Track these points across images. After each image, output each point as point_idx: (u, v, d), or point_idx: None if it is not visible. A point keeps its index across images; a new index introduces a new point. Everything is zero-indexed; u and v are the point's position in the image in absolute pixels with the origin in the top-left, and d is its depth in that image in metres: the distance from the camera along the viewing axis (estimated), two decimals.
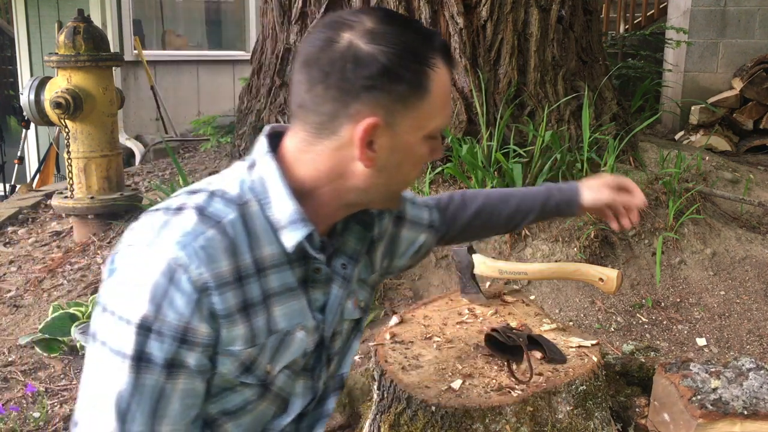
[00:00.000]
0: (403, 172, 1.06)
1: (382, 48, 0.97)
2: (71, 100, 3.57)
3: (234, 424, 1.09)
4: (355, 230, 1.17)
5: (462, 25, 3.48)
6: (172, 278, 0.94)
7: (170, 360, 0.96)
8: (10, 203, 4.69)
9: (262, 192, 1.03)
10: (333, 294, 1.12)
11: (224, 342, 1.00)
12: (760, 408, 1.91)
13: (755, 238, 3.39)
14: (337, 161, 1.03)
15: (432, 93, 1.01)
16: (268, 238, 1.02)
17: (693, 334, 2.84)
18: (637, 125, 3.82)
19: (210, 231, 0.97)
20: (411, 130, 1.02)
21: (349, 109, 0.99)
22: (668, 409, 1.98)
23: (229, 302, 0.98)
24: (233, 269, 0.99)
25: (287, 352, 1.08)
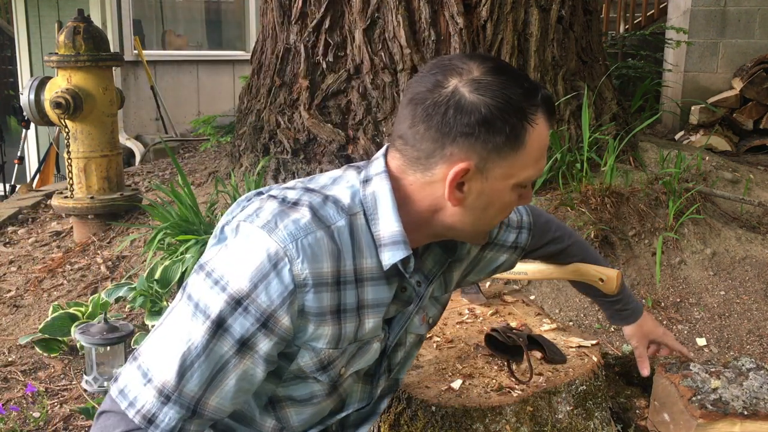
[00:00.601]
0: (489, 214, 1.11)
1: (485, 99, 1.01)
2: (71, 100, 3.57)
3: (296, 411, 1.15)
4: (435, 252, 1.22)
5: (462, 25, 3.48)
6: (276, 265, 0.99)
7: (245, 339, 1.00)
8: (10, 203, 4.69)
9: (372, 208, 1.08)
10: (405, 310, 1.18)
11: (309, 337, 1.05)
12: (760, 408, 1.91)
13: (755, 238, 3.39)
14: (427, 194, 1.08)
15: (527, 146, 1.05)
16: (369, 251, 1.08)
17: (693, 334, 2.84)
18: (637, 125, 3.82)
19: (320, 232, 1.03)
20: (501, 177, 1.06)
21: (444, 151, 1.04)
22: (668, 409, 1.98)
23: (324, 302, 1.03)
24: (334, 272, 1.04)
25: (362, 360, 1.14)
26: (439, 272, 1.23)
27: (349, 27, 3.64)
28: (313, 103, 3.66)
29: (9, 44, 8.64)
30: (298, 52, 3.74)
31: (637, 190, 3.45)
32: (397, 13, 3.50)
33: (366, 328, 1.10)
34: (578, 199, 3.26)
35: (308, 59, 3.71)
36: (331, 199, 1.07)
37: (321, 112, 3.65)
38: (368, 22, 3.56)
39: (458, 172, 1.03)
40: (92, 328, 2.40)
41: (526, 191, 1.12)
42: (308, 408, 1.15)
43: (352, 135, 3.58)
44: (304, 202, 1.05)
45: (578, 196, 3.28)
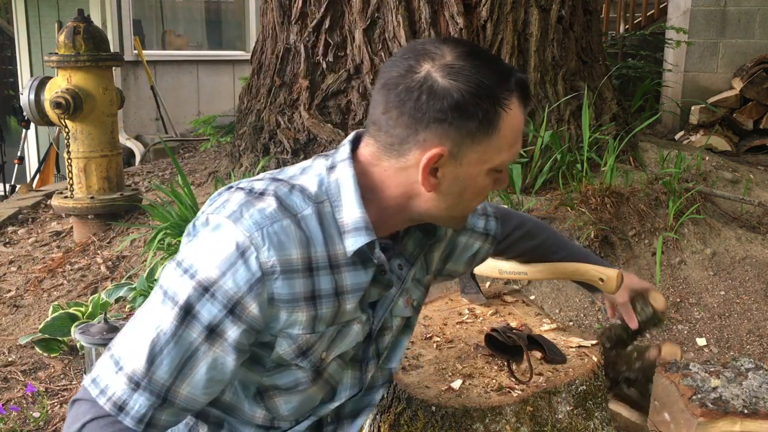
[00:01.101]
0: (464, 200, 1.11)
1: (457, 84, 1.01)
2: (71, 100, 3.57)
3: (284, 400, 1.15)
4: (415, 235, 1.23)
5: (462, 25, 3.48)
6: (243, 253, 1.00)
7: (213, 325, 1.01)
8: (10, 203, 4.69)
9: (335, 195, 1.09)
10: (388, 292, 1.18)
11: (284, 325, 1.05)
12: (760, 407, 1.91)
13: (755, 238, 3.39)
14: (401, 180, 1.08)
15: (501, 131, 1.04)
16: (338, 238, 1.08)
17: (693, 334, 2.84)
18: (637, 125, 3.82)
19: (286, 220, 1.03)
20: (476, 163, 1.06)
21: (418, 136, 1.04)
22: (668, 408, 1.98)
23: (296, 288, 1.04)
24: (304, 259, 1.04)
25: (342, 343, 1.14)
26: (420, 254, 1.24)
27: (349, 27, 3.64)
28: (313, 103, 3.66)
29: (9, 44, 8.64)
30: (298, 52, 3.74)
31: (637, 190, 3.45)
32: (397, 13, 3.50)
33: (344, 312, 1.11)
34: (578, 199, 3.26)
35: (308, 59, 3.71)
36: (298, 188, 1.08)
37: (321, 112, 3.65)
38: (368, 22, 3.56)
39: (431, 157, 1.03)
40: (92, 328, 2.40)
41: (501, 176, 1.12)
42: (295, 396, 1.15)
43: None
44: (270, 191, 1.06)
45: (578, 196, 3.28)
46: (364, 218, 1.07)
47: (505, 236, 1.51)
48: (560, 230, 3.18)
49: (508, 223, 1.51)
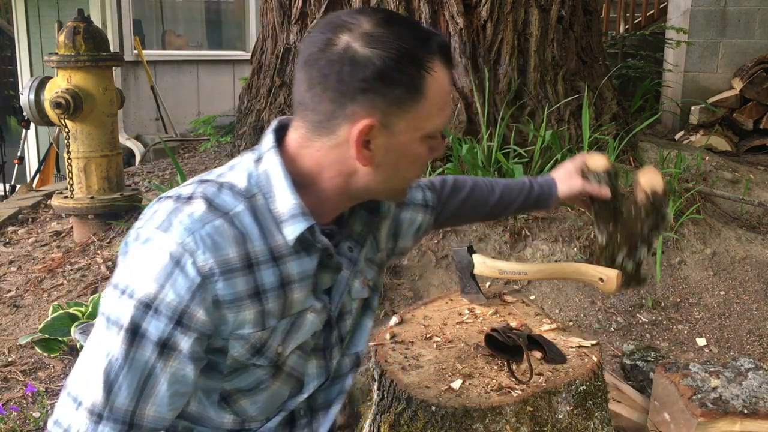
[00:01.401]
0: (402, 170, 1.09)
1: (378, 51, 0.99)
2: (71, 100, 3.57)
3: (249, 401, 1.13)
4: (360, 215, 1.21)
5: (462, 25, 3.48)
6: (178, 262, 0.98)
7: (164, 340, 0.98)
8: (10, 203, 4.69)
9: (266, 186, 1.06)
10: (341, 276, 1.16)
11: (234, 326, 1.03)
12: (760, 407, 1.91)
13: (755, 238, 3.39)
14: (335, 158, 1.06)
15: (428, 95, 1.02)
16: (276, 229, 1.06)
17: (693, 334, 2.84)
18: (637, 125, 3.82)
19: (218, 220, 1.01)
20: (407, 130, 1.04)
21: (345, 110, 1.01)
22: (668, 408, 1.98)
23: (238, 288, 1.01)
24: (242, 256, 1.02)
25: (298, 334, 1.11)
26: (368, 233, 1.22)
27: None
28: None
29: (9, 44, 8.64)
30: (298, 52, 3.74)
31: None
32: None
33: (293, 303, 1.08)
34: None
35: None
36: (227, 186, 1.05)
37: None
38: None
39: (362, 129, 1.01)
40: (92, 328, 2.39)
41: (436, 142, 1.10)
42: (260, 395, 1.13)
43: None
44: (198, 194, 1.03)
45: None
46: (298, 204, 1.04)
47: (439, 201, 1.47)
48: (560, 230, 3.18)
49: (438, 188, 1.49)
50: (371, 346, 1.69)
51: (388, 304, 2.92)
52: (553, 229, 3.18)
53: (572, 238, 3.15)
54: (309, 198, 1.07)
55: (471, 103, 3.54)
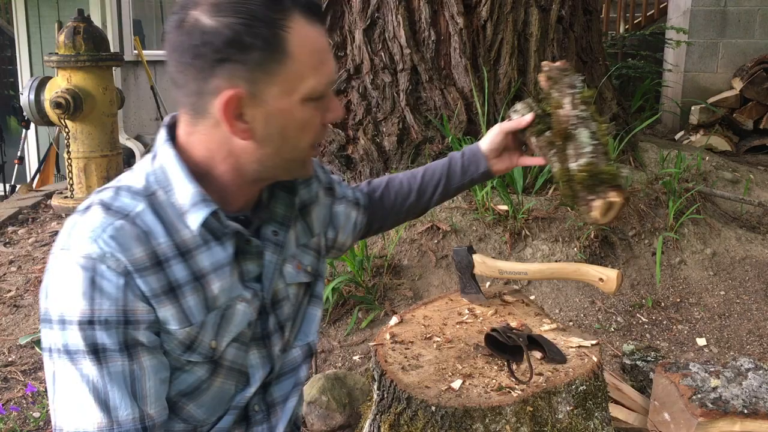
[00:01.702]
0: (290, 138, 1.04)
1: (225, 19, 0.96)
2: (71, 100, 3.57)
3: (195, 404, 1.10)
4: (280, 197, 1.18)
5: (462, 25, 3.48)
6: (94, 270, 0.97)
7: (123, 343, 0.98)
8: (10, 203, 4.69)
9: (164, 181, 1.05)
10: (266, 261, 1.13)
11: (161, 321, 1.02)
12: (760, 407, 1.91)
13: (755, 238, 3.39)
14: (220, 139, 1.03)
15: (293, 54, 0.98)
16: (181, 223, 1.04)
17: (693, 334, 2.84)
18: (637, 125, 3.82)
19: (118, 222, 1.00)
20: (281, 95, 1.00)
21: (209, 86, 0.99)
22: (668, 408, 1.98)
23: (152, 285, 1.00)
24: (150, 254, 1.00)
25: (231, 326, 1.09)
26: (293, 215, 1.19)
27: (349, 27, 3.64)
28: None
29: (9, 44, 8.64)
30: None
31: (637, 190, 3.45)
32: (397, 13, 3.50)
33: (215, 295, 1.06)
34: None
35: None
36: (124, 189, 1.04)
37: None
38: (368, 22, 3.56)
39: (227, 101, 0.98)
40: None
41: (325, 103, 1.05)
42: (204, 396, 1.10)
43: (352, 135, 3.59)
44: (95, 202, 1.02)
45: None
46: (198, 191, 1.02)
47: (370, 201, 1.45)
48: (560, 230, 3.18)
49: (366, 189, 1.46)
50: (371, 346, 1.69)
51: (388, 304, 2.92)
52: (553, 229, 3.18)
53: (572, 238, 3.15)
54: (209, 186, 1.05)
55: (471, 103, 3.54)
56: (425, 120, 3.55)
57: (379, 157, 3.50)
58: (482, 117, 3.46)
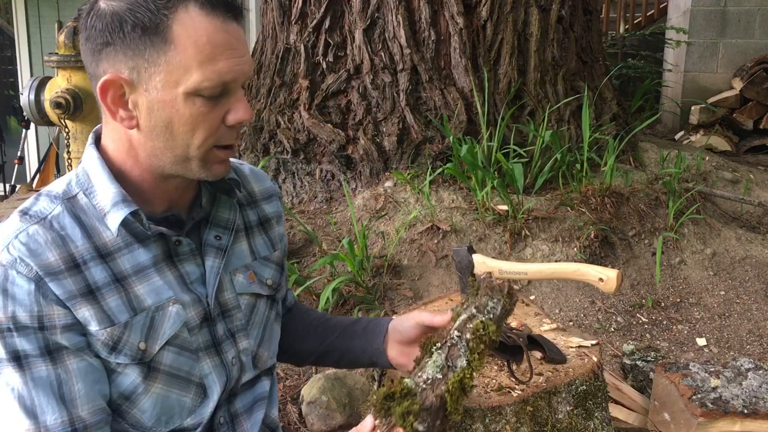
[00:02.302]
0: (179, 134, 0.99)
1: (116, 3, 0.95)
2: (71, 100, 3.57)
3: (138, 409, 1.07)
4: (223, 200, 1.15)
5: (462, 25, 3.48)
6: (6, 278, 0.96)
7: (44, 348, 0.98)
8: (10, 203, 4.69)
9: (86, 183, 1.04)
10: (208, 265, 1.11)
11: (82, 323, 1.00)
12: (760, 407, 1.91)
13: (755, 238, 3.39)
14: (118, 130, 1.03)
15: (178, 45, 0.94)
16: (103, 225, 1.03)
17: (693, 334, 2.84)
18: (637, 125, 3.82)
19: (32, 228, 0.99)
20: (165, 86, 0.96)
21: (98, 70, 0.98)
22: (668, 408, 1.98)
23: (67, 288, 0.98)
24: (65, 258, 0.99)
25: (162, 328, 1.06)
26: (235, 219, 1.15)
27: (349, 27, 3.64)
28: (313, 103, 3.66)
29: (9, 44, 8.64)
30: (298, 52, 3.74)
31: (637, 190, 3.45)
32: (397, 13, 3.50)
33: (140, 296, 1.04)
34: (578, 199, 3.26)
35: (308, 59, 3.71)
36: (44, 194, 1.04)
37: (321, 112, 3.65)
38: (368, 22, 3.56)
39: (103, 85, 0.97)
40: None
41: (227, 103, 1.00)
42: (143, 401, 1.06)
43: (352, 135, 3.58)
44: (15, 211, 1.02)
45: (578, 196, 3.28)
46: (118, 192, 1.01)
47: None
48: (560, 230, 3.18)
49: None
50: None
51: (388, 304, 2.92)
52: (553, 229, 3.18)
53: (572, 238, 3.15)
54: (127, 185, 1.04)
55: (471, 103, 3.54)
56: (425, 120, 3.55)
57: (379, 157, 3.50)
58: (482, 117, 3.46)
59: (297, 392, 2.44)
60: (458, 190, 3.37)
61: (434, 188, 3.37)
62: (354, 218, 3.18)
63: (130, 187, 1.04)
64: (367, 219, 3.29)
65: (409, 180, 3.39)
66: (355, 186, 3.55)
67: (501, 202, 3.23)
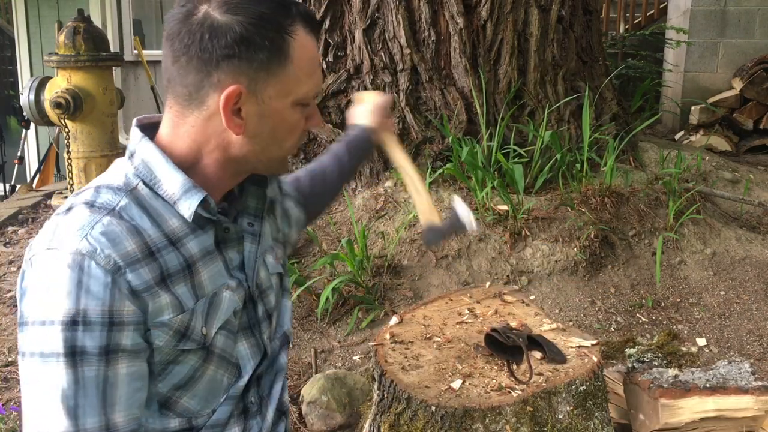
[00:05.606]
0: (278, 138, 1.09)
1: (237, 17, 1.00)
2: (71, 100, 3.57)
3: (189, 396, 1.10)
4: (251, 190, 1.21)
5: (462, 25, 3.48)
6: (81, 268, 0.96)
7: (105, 347, 0.97)
8: (10, 203, 4.69)
9: (148, 174, 1.06)
10: (247, 250, 1.16)
11: (153, 314, 1.01)
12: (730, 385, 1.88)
13: (755, 238, 3.39)
14: (211, 131, 1.06)
15: (295, 59, 1.03)
16: (169, 213, 1.05)
17: (693, 334, 2.84)
18: (637, 125, 3.82)
19: (105, 218, 1.00)
20: (277, 96, 1.04)
21: (212, 79, 1.02)
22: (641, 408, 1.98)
23: (145, 277, 1.00)
24: (141, 246, 1.01)
25: (218, 313, 1.10)
26: (264, 207, 1.22)
27: (349, 27, 3.64)
28: None
29: (9, 44, 8.64)
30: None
31: (637, 190, 3.45)
32: (397, 13, 3.50)
33: (204, 282, 1.08)
34: (578, 199, 3.26)
35: None
36: (104, 187, 1.05)
37: (321, 112, 3.64)
38: (368, 22, 3.56)
39: (229, 96, 1.01)
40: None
41: (312, 111, 1.11)
42: (197, 386, 1.10)
43: None
44: (77, 202, 1.03)
45: (578, 196, 3.28)
46: (186, 179, 1.05)
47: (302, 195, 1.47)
48: (560, 230, 3.18)
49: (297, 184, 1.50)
50: (371, 346, 1.69)
51: (388, 304, 2.92)
52: (553, 229, 3.18)
53: (572, 237, 3.15)
54: (194, 177, 1.07)
55: (471, 103, 3.54)
56: (425, 120, 3.55)
57: (379, 157, 3.50)
58: (482, 117, 3.46)
59: (297, 392, 2.45)
60: (458, 190, 3.37)
61: (434, 188, 3.37)
62: (353, 218, 3.19)
63: (196, 178, 1.08)
64: (367, 219, 3.29)
65: None
66: (355, 186, 3.55)
67: (501, 202, 3.23)
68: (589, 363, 1.55)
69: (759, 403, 1.84)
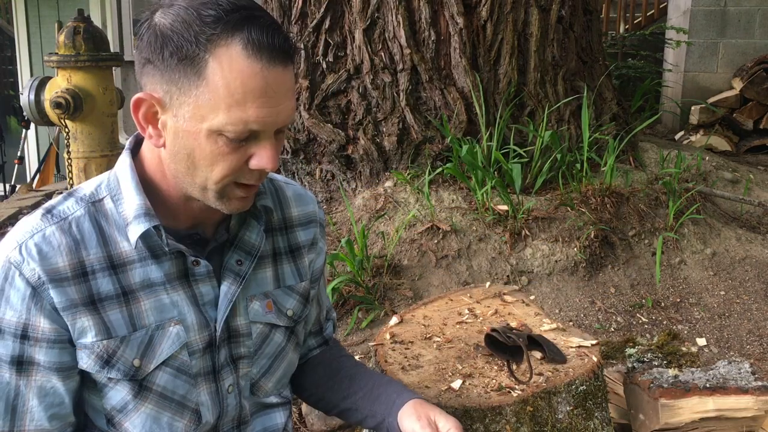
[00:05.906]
0: (199, 166, 0.97)
1: (165, 20, 0.92)
2: (71, 100, 3.57)
3: (129, 423, 1.05)
4: (252, 224, 1.11)
5: (462, 25, 3.48)
6: (6, 277, 0.96)
7: (17, 357, 0.97)
8: (10, 203, 4.69)
9: (116, 188, 1.03)
10: (224, 290, 1.07)
11: (77, 335, 0.99)
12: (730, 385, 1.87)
13: (755, 238, 3.39)
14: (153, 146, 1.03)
15: (210, 82, 0.90)
16: (122, 235, 1.01)
17: (693, 334, 2.84)
18: (637, 125, 3.82)
19: (49, 229, 0.98)
20: (191, 118, 0.93)
21: (141, 83, 0.98)
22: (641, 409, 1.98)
23: (71, 296, 0.97)
24: (74, 265, 0.98)
25: (161, 348, 1.03)
26: (261, 245, 1.10)
27: (349, 27, 3.64)
28: (313, 103, 3.66)
29: (9, 44, 8.64)
30: (298, 52, 3.74)
31: (637, 190, 3.45)
32: (397, 13, 3.50)
33: (144, 312, 1.01)
34: (578, 199, 3.26)
35: (308, 59, 3.71)
36: (74, 194, 1.03)
37: (321, 112, 3.65)
38: (368, 22, 3.56)
39: (135, 102, 0.96)
40: None
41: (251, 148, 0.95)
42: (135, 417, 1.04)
43: (352, 135, 3.58)
44: (43, 205, 1.02)
45: (578, 196, 3.28)
46: (142, 204, 0.99)
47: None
48: (560, 230, 3.18)
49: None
50: (371, 346, 1.69)
51: (388, 304, 2.92)
52: (553, 229, 3.18)
53: (572, 237, 3.15)
54: (157, 198, 1.02)
55: (471, 104, 3.54)
56: (425, 120, 3.55)
57: (379, 157, 3.50)
58: (482, 117, 3.46)
59: None
60: (458, 190, 3.37)
61: (434, 188, 3.37)
62: (353, 218, 3.19)
63: (159, 200, 1.03)
64: (367, 219, 3.29)
65: (409, 180, 3.39)
66: (355, 186, 3.55)
67: (501, 202, 3.23)
68: (589, 363, 1.55)
69: (759, 403, 1.84)
